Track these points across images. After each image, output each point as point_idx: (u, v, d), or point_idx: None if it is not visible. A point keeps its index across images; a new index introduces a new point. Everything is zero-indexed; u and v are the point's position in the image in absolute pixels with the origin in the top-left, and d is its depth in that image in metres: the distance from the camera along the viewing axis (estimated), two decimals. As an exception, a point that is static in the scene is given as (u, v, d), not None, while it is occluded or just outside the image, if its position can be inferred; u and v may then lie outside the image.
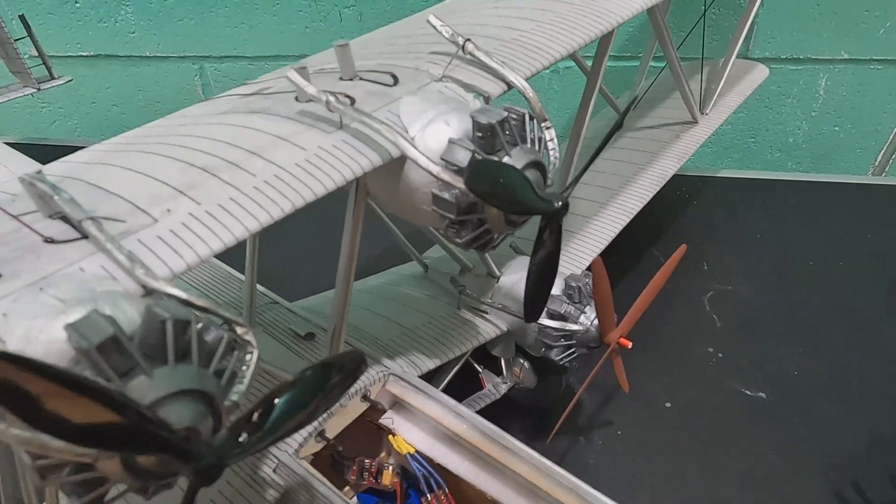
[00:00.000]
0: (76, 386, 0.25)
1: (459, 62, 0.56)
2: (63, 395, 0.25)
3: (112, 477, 0.32)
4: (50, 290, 0.35)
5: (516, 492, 0.58)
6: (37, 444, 0.29)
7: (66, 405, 0.25)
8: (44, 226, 0.41)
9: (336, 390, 0.37)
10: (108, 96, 1.98)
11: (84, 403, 0.26)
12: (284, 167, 0.44)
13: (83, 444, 0.27)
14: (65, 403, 0.25)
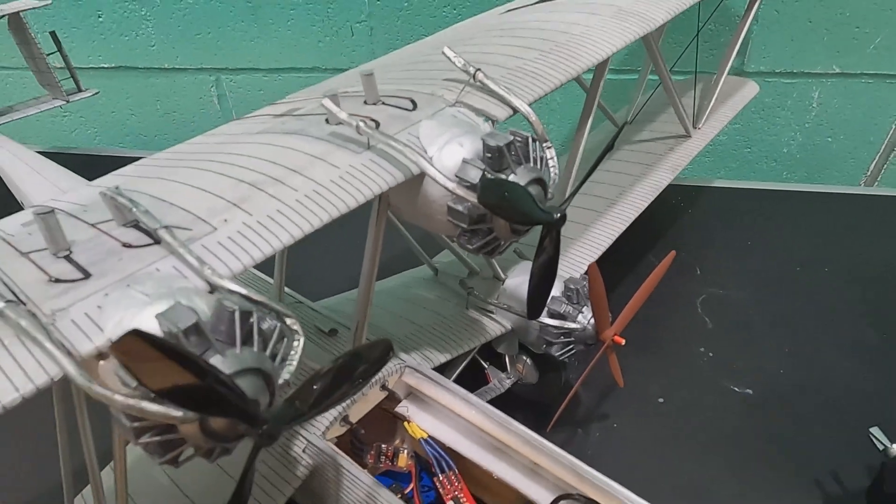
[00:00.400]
0: (184, 358, 0.32)
1: (471, 89, 0.63)
2: (168, 366, 0.32)
3: (189, 439, 0.40)
4: (136, 286, 0.42)
5: (520, 471, 0.65)
6: (137, 408, 0.36)
7: (169, 375, 0.33)
8: (120, 233, 0.48)
9: (369, 372, 0.44)
10: (126, 106, 2.05)
11: (182, 374, 0.33)
12: (321, 183, 0.52)
13: (181, 405, 0.34)
14: (168, 374, 0.32)
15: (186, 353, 0.33)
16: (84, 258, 0.45)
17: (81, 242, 0.47)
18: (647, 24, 0.75)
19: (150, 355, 0.31)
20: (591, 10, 0.77)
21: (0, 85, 2.01)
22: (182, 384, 0.33)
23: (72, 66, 1.55)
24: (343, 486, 0.62)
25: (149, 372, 0.32)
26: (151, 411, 0.36)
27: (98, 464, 0.57)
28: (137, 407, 0.36)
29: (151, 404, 0.36)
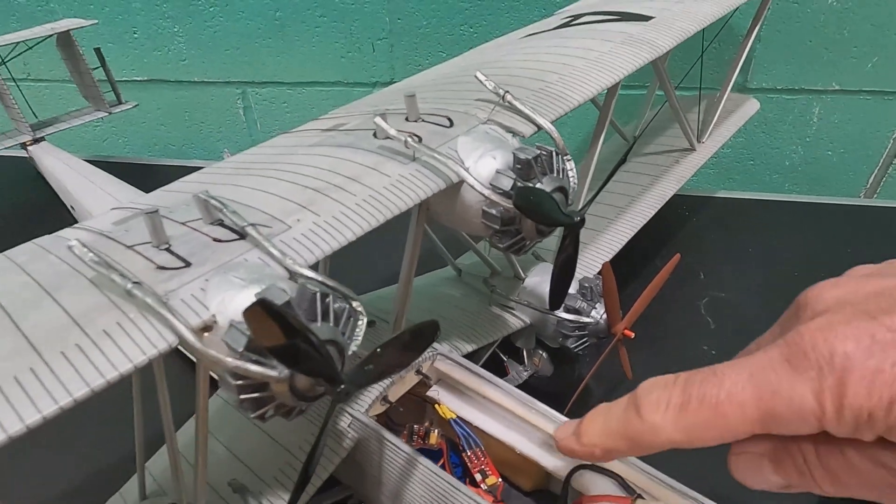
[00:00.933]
0: (290, 324, 0.41)
1: (500, 109, 0.72)
2: (277, 330, 0.41)
3: (278, 396, 0.48)
4: (231, 272, 0.51)
5: (540, 446, 0.73)
6: (243, 368, 0.45)
7: (278, 336, 0.41)
8: (208, 230, 0.57)
9: (422, 344, 0.52)
10: (156, 117, 2.14)
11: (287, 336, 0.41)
12: (376, 189, 0.60)
13: (283, 362, 0.43)
14: (277, 335, 0.41)
15: (294, 319, 0.41)
16: (182, 250, 0.54)
17: (176, 237, 0.56)
18: (655, 51, 0.84)
19: (266, 321, 0.40)
20: (604, 38, 0.86)
21: (38, 97, 2.10)
22: (286, 343, 0.41)
23: (114, 81, 1.65)
24: (385, 455, 0.71)
25: (264, 333, 0.41)
26: (253, 371, 0.45)
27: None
28: (243, 367, 0.45)
29: (254, 365, 0.45)
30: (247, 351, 0.45)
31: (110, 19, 1.88)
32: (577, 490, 0.69)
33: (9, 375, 0.43)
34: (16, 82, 1.52)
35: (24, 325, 0.47)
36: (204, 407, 0.58)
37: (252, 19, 1.84)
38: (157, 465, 0.77)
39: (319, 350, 0.43)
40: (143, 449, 0.73)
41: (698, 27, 0.90)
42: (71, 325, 0.47)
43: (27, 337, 0.46)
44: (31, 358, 0.44)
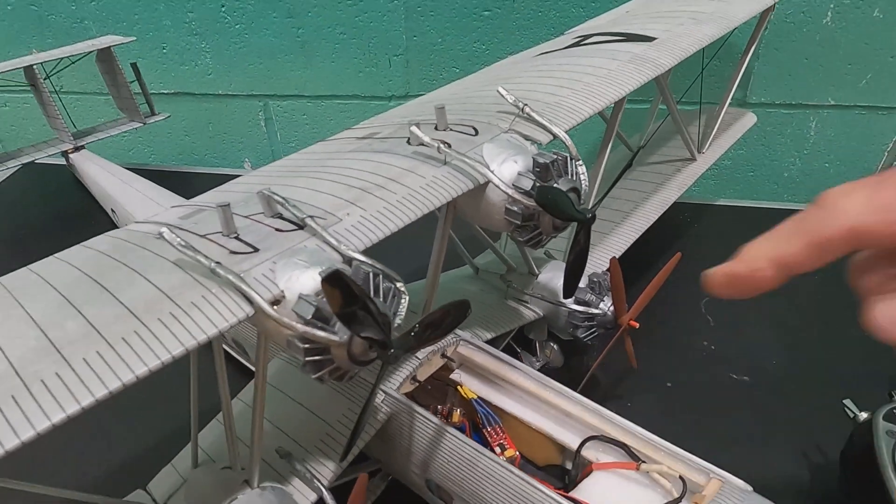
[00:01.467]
0: (356, 293, 0.50)
1: (520, 120, 0.81)
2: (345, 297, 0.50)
3: (337, 360, 0.57)
4: (294, 256, 0.59)
5: (553, 420, 0.81)
6: (311, 333, 0.54)
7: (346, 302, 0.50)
8: (270, 222, 0.66)
9: (457, 319, 0.61)
10: (181, 127, 2.23)
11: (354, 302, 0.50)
12: (413, 188, 0.69)
13: (347, 325, 0.52)
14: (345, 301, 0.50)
15: (359, 289, 0.50)
16: (250, 238, 0.63)
17: (243, 228, 0.65)
18: (658, 69, 0.93)
19: (337, 289, 0.49)
20: (612, 57, 0.95)
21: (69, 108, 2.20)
22: (352, 308, 0.50)
23: (148, 93, 1.74)
24: (415, 427, 0.79)
25: (335, 299, 0.50)
26: (319, 335, 0.54)
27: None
28: (311, 332, 0.54)
29: (319, 331, 0.54)
30: (314, 318, 0.54)
31: (141, 35, 1.96)
32: (587, 459, 0.77)
33: (118, 337, 0.52)
34: (58, 95, 1.62)
35: (122, 298, 0.56)
36: (263, 374, 0.66)
37: (276, 36, 1.92)
38: (206, 437, 0.86)
39: (376, 316, 0.52)
40: (196, 420, 0.81)
41: (698, 47, 0.99)
42: (163, 297, 0.56)
43: (128, 308, 0.55)
44: (134, 323, 0.53)
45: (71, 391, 0.48)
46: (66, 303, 0.57)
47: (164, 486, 0.84)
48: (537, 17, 1.77)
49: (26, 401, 0.47)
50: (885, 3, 1.61)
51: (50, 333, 0.53)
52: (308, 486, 0.75)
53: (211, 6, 1.92)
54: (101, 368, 0.50)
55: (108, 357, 0.50)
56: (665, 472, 0.71)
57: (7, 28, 2.04)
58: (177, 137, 2.26)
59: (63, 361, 0.50)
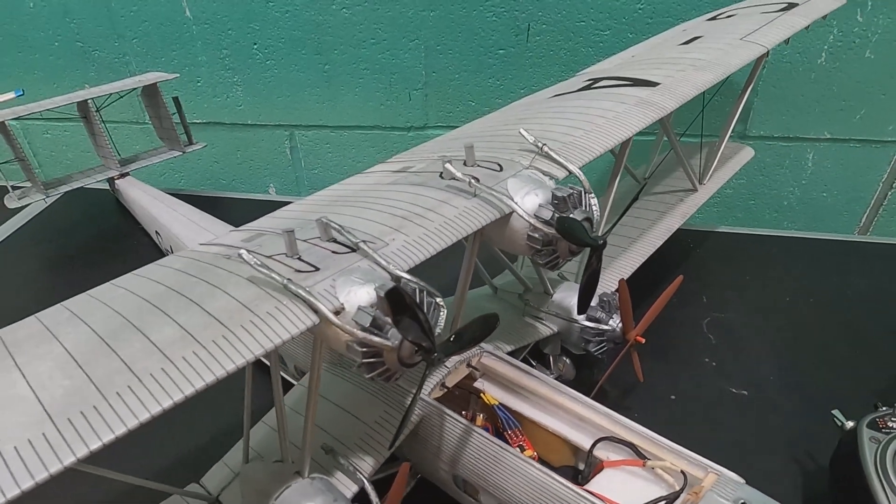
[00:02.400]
0: (408, 304, 0.61)
1: (539, 157, 0.92)
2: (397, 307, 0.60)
3: (388, 363, 0.67)
4: (351, 275, 0.70)
5: (567, 423, 0.91)
6: (368, 339, 0.64)
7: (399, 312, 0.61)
8: (325, 245, 0.76)
9: (487, 330, 0.71)
10: (211, 155, 2.33)
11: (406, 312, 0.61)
12: (448, 217, 0.80)
13: (400, 330, 0.62)
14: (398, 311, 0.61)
15: (412, 302, 0.61)
16: (311, 259, 0.73)
17: (303, 251, 0.75)
18: (661, 112, 1.04)
19: (395, 301, 0.60)
20: (620, 101, 1.07)
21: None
22: (406, 316, 0.61)
23: (187, 125, 1.87)
24: (445, 428, 0.89)
25: (394, 308, 0.61)
26: (375, 340, 0.65)
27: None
28: (368, 338, 0.64)
29: (375, 337, 0.65)
30: (371, 326, 0.64)
31: (178, 69, 2.08)
32: (598, 458, 0.87)
33: (209, 340, 0.63)
34: (105, 126, 1.75)
35: (209, 308, 0.67)
36: (317, 375, 0.77)
37: (303, 71, 2.04)
38: (255, 434, 0.96)
39: (423, 325, 0.63)
40: (249, 420, 0.92)
41: (697, 92, 1.10)
42: (243, 308, 0.66)
43: (214, 316, 0.66)
44: (222, 329, 0.64)
45: (176, 383, 0.59)
46: (160, 312, 0.68)
47: (216, 480, 0.95)
48: (549, 56, 1.89)
49: (140, 390, 0.58)
50: (875, 46, 1.72)
51: (152, 337, 0.64)
52: (350, 478, 0.85)
53: (244, 44, 2.04)
54: (198, 366, 0.60)
55: (202, 356, 0.61)
56: (668, 467, 0.80)
57: (54, 63, 2.18)
58: (206, 164, 2.38)
59: (167, 360, 0.61)
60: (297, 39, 2.00)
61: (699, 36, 1.35)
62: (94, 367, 0.61)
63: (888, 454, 0.92)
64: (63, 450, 0.54)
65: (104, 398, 0.57)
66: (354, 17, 1.93)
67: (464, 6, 1.85)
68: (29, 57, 2.19)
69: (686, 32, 1.44)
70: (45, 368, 0.62)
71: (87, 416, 0.56)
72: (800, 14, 1.33)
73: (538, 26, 1.84)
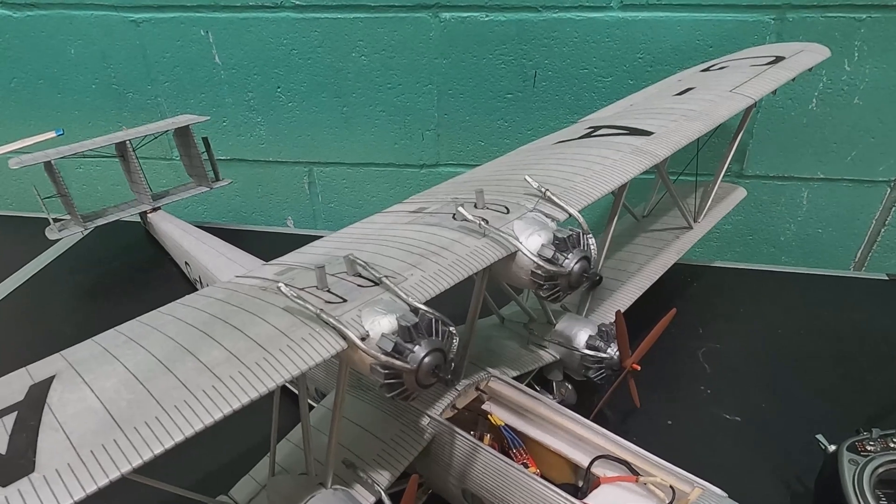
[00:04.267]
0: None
1: (542, 201, 1.02)
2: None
3: (406, 383, 0.77)
4: (376, 306, 0.80)
5: (567, 443, 1.00)
6: (391, 363, 0.74)
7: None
8: (351, 279, 0.86)
9: None
10: (233, 189, 2.37)
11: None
12: (461, 255, 0.90)
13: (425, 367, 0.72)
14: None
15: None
16: (339, 291, 0.83)
17: (332, 284, 0.85)
18: (655, 159, 1.13)
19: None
20: (617, 149, 1.16)
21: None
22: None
23: (215, 162, 1.97)
24: (455, 445, 0.98)
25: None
26: (397, 364, 0.74)
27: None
28: (390, 362, 0.74)
29: (397, 361, 0.74)
30: (393, 352, 0.74)
31: (205, 111, 2.18)
32: (595, 475, 0.95)
33: (253, 362, 0.72)
34: (139, 163, 1.87)
35: (250, 334, 0.77)
36: (341, 395, 0.86)
37: (323, 112, 2.14)
38: (280, 451, 1.04)
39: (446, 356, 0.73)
40: (276, 433, 1.01)
41: (688, 141, 1.20)
42: (280, 335, 0.76)
43: (255, 341, 0.75)
44: (262, 353, 0.73)
45: (225, 399, 0.68)
46: (208, 337, 0.77)
47: (244, 492, 1.03)
48: (554, 100, 1.98)
49: (194, 404, 0.68)
50: (862, 93, 1.80)
51: (203, 358, 0.74)
52: (369, 490, 0.94)
53: (268, 87, 2.15)
54: (244, 383, 0.69)
55: (247, 375, 0.70)
56: (658, 482, 0.89)
57: (90, 103, 2.31)
58: (229, 198, 2.47)
59: (216, 378, 0.70)
60: (318, 84, 2.11)
61: (692, 87, 1.46)
62: (154, 384, 0.70)
63: (864, 475, 1.00)
64: (131, 453, 0.63)
65: (164, 410, 0.67)
66: (372, 64, 2.04)
67: (475, 54, 1.96)
68: (68, 98, 2.31)
69: (681, 83, 1.55)
70: (111, 384, 0.72)
71: (150, 425, 0.65)
72: (786, 67, 1.44)
73: (544, 73, 1.95)
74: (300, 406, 0.93)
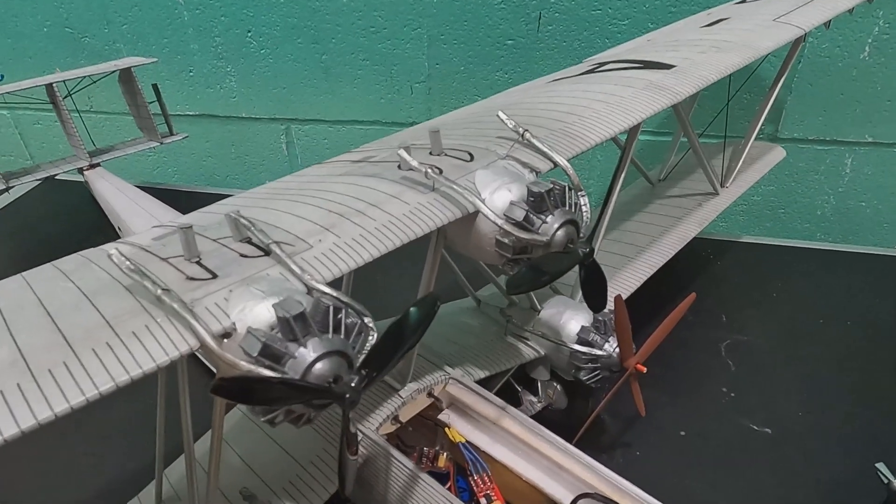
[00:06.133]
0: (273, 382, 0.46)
1: (519, 146, 0.76)
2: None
3: (298, 410, 0.52)
4: (254, 285, 0.55)
5: (544, 472, 0.75)
6: (256, 372, 0.49)
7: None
8: (237, 247, 0.62)
9: (421, 326, 0.55)
10: (204, 149, 2.24)
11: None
12: (395, 215, 0.65)
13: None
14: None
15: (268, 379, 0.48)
16: (211, 264, 0.59)
17: (207, 252, 0.61)
18: (674, 97, 0.87)
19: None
20: (626, 84, 0.90)
21: (99, 127, 2.23)
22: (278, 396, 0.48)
23: (167, 114, 1.76)
24: (392, 473, 0.73)
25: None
26: (265, 376, 0.49)
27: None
28: (256, 371, 0.49)
29: (267, 370, 0.49)
30: (261, 356, 0.49)
31: (169, 58, 2.00)
32: (579, 518, 0.70)
33: (44, 369, 0.48)
34: (79, 113, 1.64)
35: (62, 325, 0.52)
36: (220, 415, 0.61)
37: (299, 62, 1.94)
38: (175, 472, 0.81)
39: (307, 387, 0.48)
40: (162, 456, 0.77)
41: (719, 76, 0.93)
42: (104, 325, 0.52)
43: (64, 335, 0.51)
44: (65, 353, 0.49)
45: (-13, 425, 0.44)
46: (4, 327, 0.53)
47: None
48: (561, 47, 1.74)
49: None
50: (927, 40, 1.53)
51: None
52: (272, 532, 0.70)
53: (237, 31, 1.93)
54: (17, 402, 0.45)
55: (28, 390, 0.46)
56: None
57: (42, 49, 2.10)
58: (200, 159, 2.28)
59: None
60: (293, 27, 1.89)
61: (725, 18, 1.18)
62: None
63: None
64: None
65: None
66: (353, 3, 1.81)
67: (470, -9, 1.71)
68: (18, 43, 2.10)
69: (711, 16, 1.27)
70: None
71: None
72: (843, -6, 1.16)
73: (550, 15, 1.71)
74: (182, 420, 0.69)
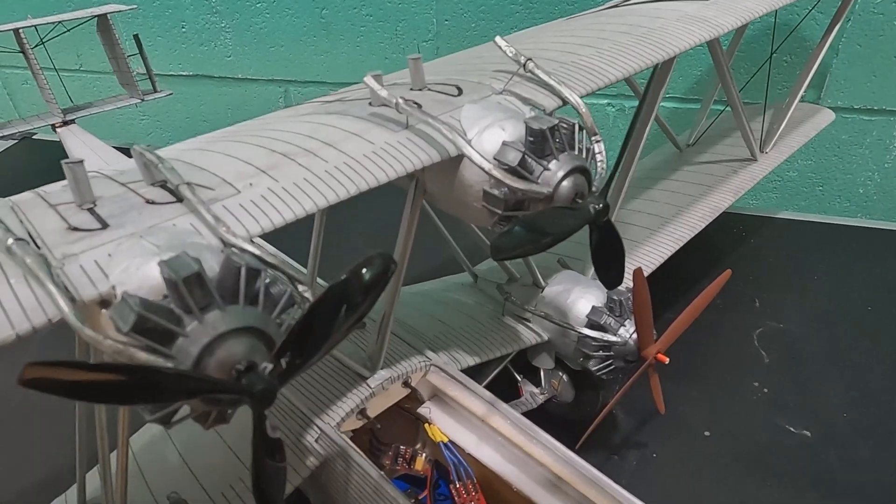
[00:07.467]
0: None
1: (520, 79, 0.61)
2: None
3: (195, 408, 0.39)
4: (148, 238, 0.42)
5: (541, 485, 0.61)
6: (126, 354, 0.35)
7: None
8: (146, 191, 0.48)
9: (369, 298, 0.41)
10: (200, 112, 2.16)
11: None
12: (353, 156, 0.51)
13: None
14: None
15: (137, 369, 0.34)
16: (106, 211, 0.45)
17: (108, 198, 0.47)
18: (714, 30, 0.72)
19: None
20: (655, 16, 0.75)
21: (87, 87, 2.12)
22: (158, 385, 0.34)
23: (150, 68, 1.65)
24: (351, 480, 0.60)
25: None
26: (141, 359, 0.35)
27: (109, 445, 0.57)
28: (126, 353, 0.35)
29: (141, 352, 0.35)
30: (134, 332, 0.35)
31: (160, 12, 1.90)
32: (581, 544, 0.56)
33: None
34: (55, 67, 1.51)
35: None
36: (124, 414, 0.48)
37: (298, 16, 1.83)
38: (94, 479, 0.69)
39: (202, 379, 0.35)
40: (82, 458, 0.64)
41: (768, 9, 0.78)
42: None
43: None
44: None
45: None
46: None
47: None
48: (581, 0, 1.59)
49: None
50: None
51: None
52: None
53: (232, -19, 1.83)
54: None
55: None
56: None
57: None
58: (194, 122, 2.19)
59: None
60: (291, -23, 1.78)
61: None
62: None
63: None
64: None
65: None
66: (355, -53, 1.70)
67: (482, -64, 1.59)
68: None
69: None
70: None
71: None
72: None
73: None
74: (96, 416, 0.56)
